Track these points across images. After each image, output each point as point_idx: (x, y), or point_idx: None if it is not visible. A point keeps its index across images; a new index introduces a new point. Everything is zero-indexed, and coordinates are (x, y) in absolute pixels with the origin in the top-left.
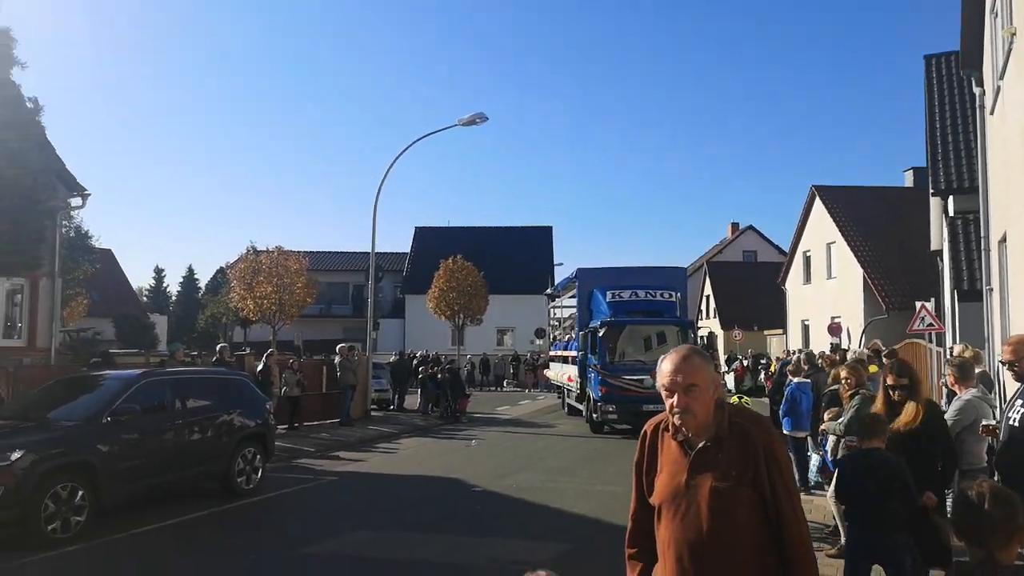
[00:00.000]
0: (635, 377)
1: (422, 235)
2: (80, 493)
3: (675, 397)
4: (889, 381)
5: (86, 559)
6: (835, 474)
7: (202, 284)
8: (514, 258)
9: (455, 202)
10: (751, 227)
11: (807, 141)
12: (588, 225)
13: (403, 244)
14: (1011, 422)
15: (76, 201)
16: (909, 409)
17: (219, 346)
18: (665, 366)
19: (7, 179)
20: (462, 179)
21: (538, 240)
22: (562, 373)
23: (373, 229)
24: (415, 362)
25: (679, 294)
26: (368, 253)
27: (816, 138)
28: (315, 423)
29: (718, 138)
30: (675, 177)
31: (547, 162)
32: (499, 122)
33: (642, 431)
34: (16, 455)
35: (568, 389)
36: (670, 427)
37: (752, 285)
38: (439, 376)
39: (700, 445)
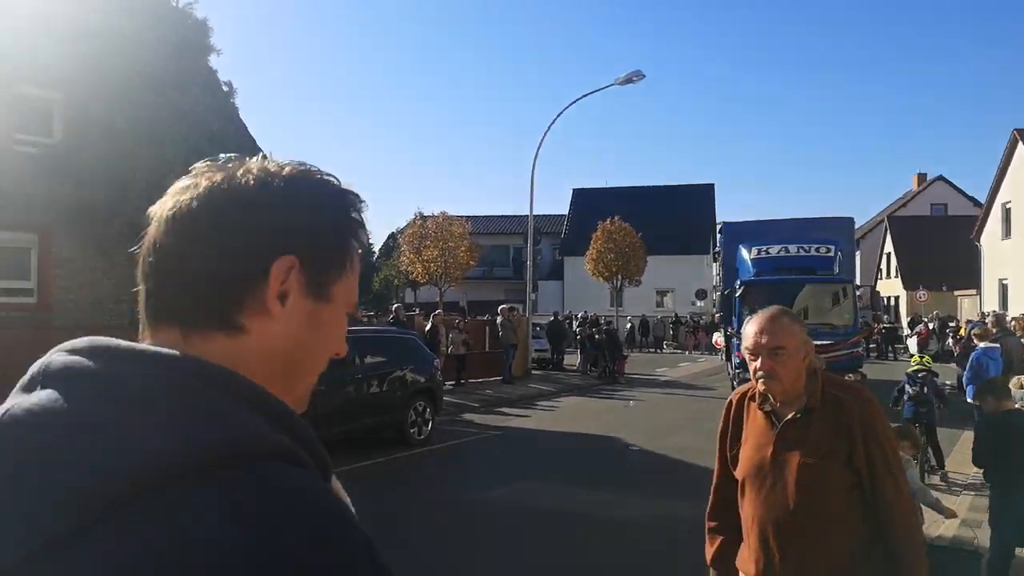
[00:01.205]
0: None
1: (580, 196)
2: None
3: (759, 360)
4: None
5: None
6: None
7: (376, 248)
8: (674, 218)
9: (614, 162)
10: (941, 177)
11: (1007, 79)
12: (754, 183)
13: (562, 206)
14: None
15: None
16: None
17: (394, 306)
18: (750, 328)
19: (209, 157)
20: (620, 139)
21: (699, 199)
22: (719, 336)
23: (531, 192)
24: (575, 323)
25: (839, 248)
26: (527, 216)
27: (1018, 75)
28: (479, 380)
29: (900, 80)
30: (852, 126)
31: (709, 117)
32: (657, 79)
33: (727, 400)
34: None
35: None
36: (756, 396)
37: (941, 241)
38: (596, 337)
39: (788, 416)
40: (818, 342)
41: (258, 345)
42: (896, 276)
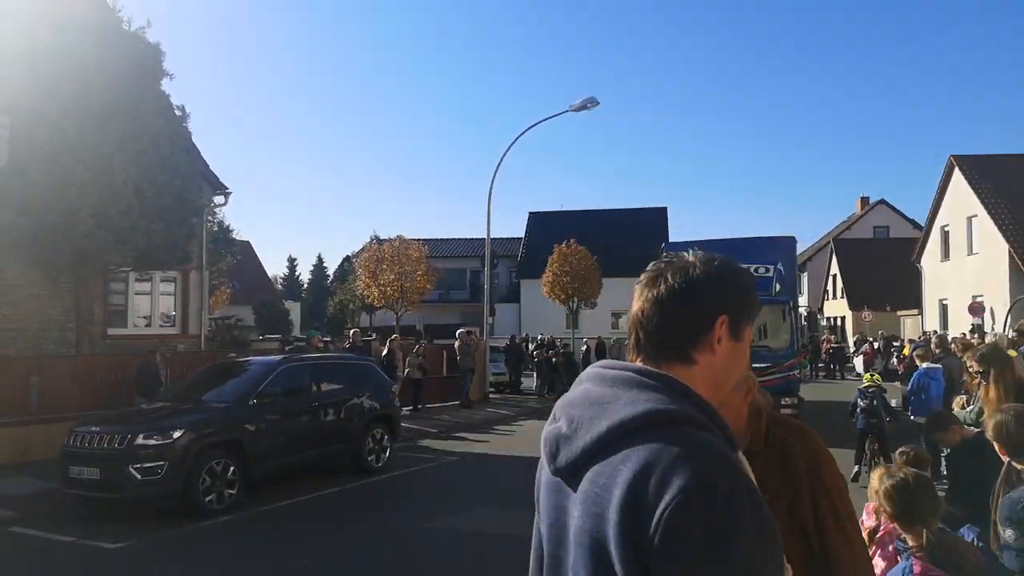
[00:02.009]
0: None
1: (536, 220)
2: (232, 468)
3: None
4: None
5: (238, 528)
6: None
7: (330, 272)
8: (628, 241)
9: (568, 186)
10: (883, 201)
11: (942, 108)
12: (704, 205)
13: (518, 229)
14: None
15: (219, 199)
16: None
17: (351, 331)
18: None
19: (160, 183)
20: (575, 163)
21: (653, 222)
22: None
23: (488, 216)
24: (532, 346)
25: (779, 267)
26: (484, 239)
27: (952, 105)
28: (437, 405)
29: (843, 108)
30: (797, 151)
31: (661, 143)
32: (611, 105)
33: None
34: (177, 433)
35: None
36: None
37: (884, 262)
38: (553, 360)
39: None
40: (754, 365)
41: (701, 371)
42: (842, 297)
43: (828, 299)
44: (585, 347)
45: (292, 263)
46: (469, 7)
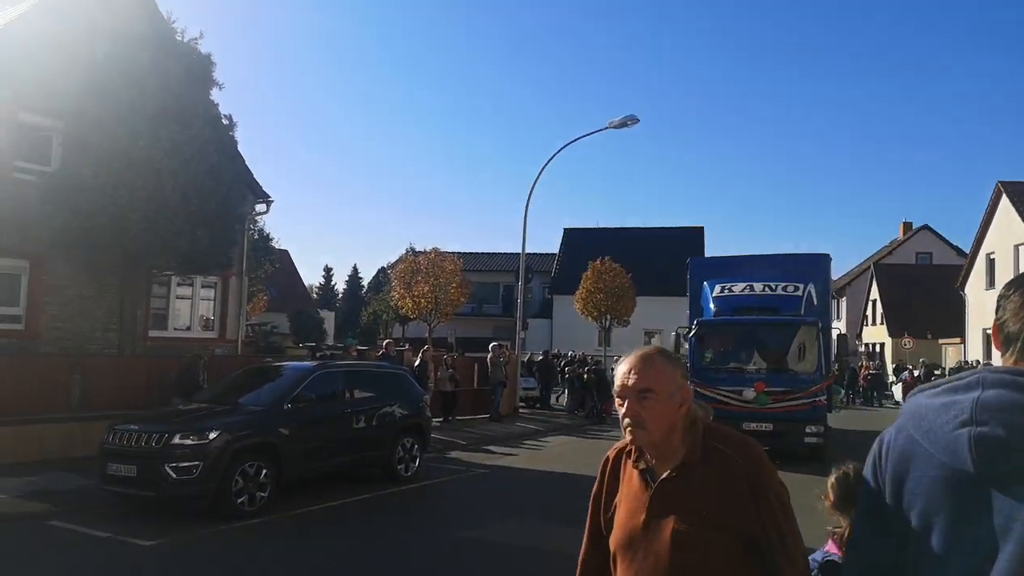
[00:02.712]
0: (732, 388)
1: (571, 236)
2: (264, 471)
3: (625, 404)
4: None
5: (268, 531)
6: None
7: (365, 283)
8: (663, 259)
9: (605, 204)
10: (926, 227)
11: (992, 133)
12: (743, 227)
13: (552, 245)
14: None
15: (261, 207)
16: None
17: (384, 341)
18: (620, 367)
19: (207, 190)
20: (613, 181)
21: (689, 241)
22: None
23: (524, 231)
24: (562, 362)
25: (810, 287)
26: (519, 254)
27: (1003, 129)
28: (467, 417)
29: (889, 131)
30: (840, 175)
31: (701, 162)
32: (651, 123)
33: (604, 456)
34: (213, 435)
35: None
36: (632, 451)
37: (926, 289)
38: (585, 376)
39: (664, 475)
40: (772, 388)
41: None
42: (882, 323)
43: (867, 325)
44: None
45: (328, 273)
46: (510, 24)
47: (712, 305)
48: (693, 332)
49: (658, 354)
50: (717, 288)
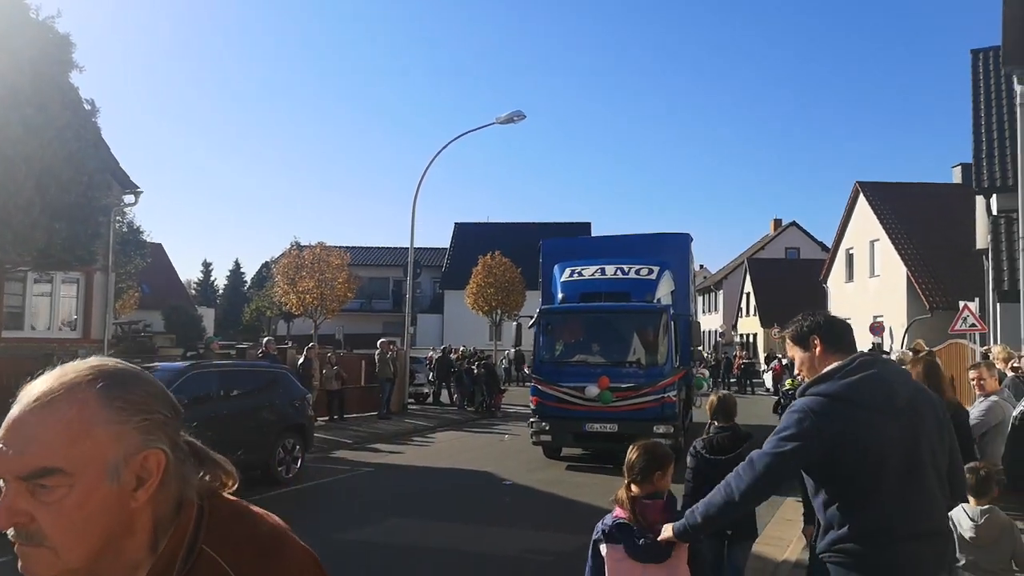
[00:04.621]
0: (575, 384)
1: (461, 231)
2: None
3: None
4: None
5: None
6: None
7: (248, 278)
8: None
9: (495, 198)
10: (794, 223)
11: (854, 136)
12: (626, 221)
13: (443, 240)
14: (1015, 421)
15: (129, 198)
16: None
17: (264, 339)
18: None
19: (64, 179)
20: (501, 176)
21: (576, 236)
22: None
23: (412, 224)
24: (453, 357)
25: (666, 269)
26: (408, 248)
27: (864, 133)
28: (355, 416)
29: (762, 133)
30: (717, 174)
31: (586, 158)
32: (538, 118)
33: None
34: None
35: None
36: None
37: (793, 282)
38: (474, 371)
39: None
40: (617, 384)
41: None
42: (755, 314)
43: (742, 316)
44: (506, 359)
45: (207, 268)
46: (402, 14)
47: (559, 291)
48: (533, 322)
49: (81, 387)
50: (567, 272)
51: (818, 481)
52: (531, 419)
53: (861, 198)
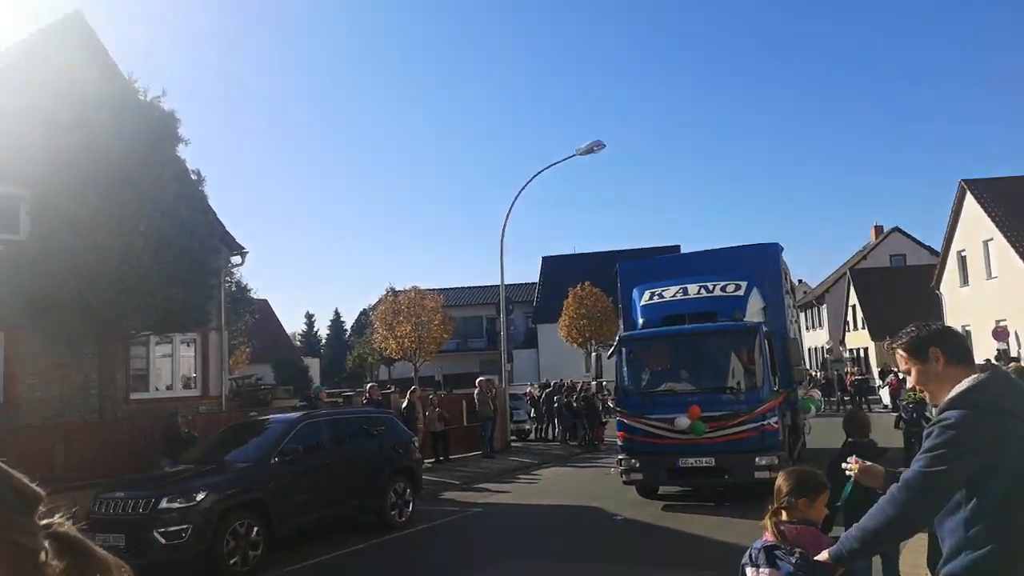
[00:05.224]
0: (663, 416)
1: (549, 264)
2: (255, 528)
3: None
4: None
5: None
6: None
7: (348, 326)
8: None
9: (581, 229)
10: (897, 228)
11: (956, 132)
12: (716, 241)
13: (531, 274)
14: None
15: (236, 259)
16: None
17: (368, 385)
18: None
19: (178, 246)
20: (586, 206)
21: None
22: None
23: (501, 263)
24: (548, 391)
25: (755, 284)
26: (498, 286)
27: (962, 130)
28: (459, 456)
29: (851, 138)
30: (808, 186)
31: (673, 181)
32: (619, 146)
33: None
34: (200, 496)
35: None
36: None
37: (902, 290)
38: (574, 404)
39: None
40: (710, 413)
41: None
42: (863, 327)
43: (849, 330)
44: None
45: (310, 319)
46: (473, 59)
47: (640, 316)
48: (613, 350)
49: None
50: (646, 295)
51: (967, 498)
52: (619, 456)
53: (968, 197)
